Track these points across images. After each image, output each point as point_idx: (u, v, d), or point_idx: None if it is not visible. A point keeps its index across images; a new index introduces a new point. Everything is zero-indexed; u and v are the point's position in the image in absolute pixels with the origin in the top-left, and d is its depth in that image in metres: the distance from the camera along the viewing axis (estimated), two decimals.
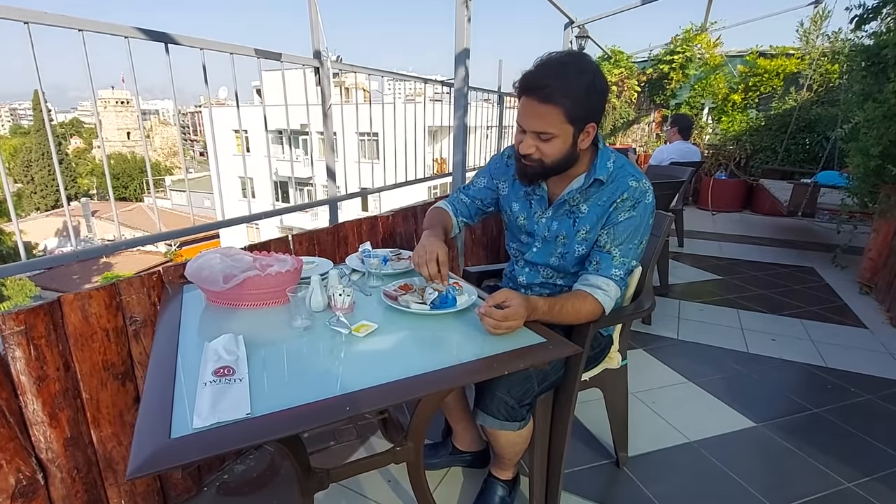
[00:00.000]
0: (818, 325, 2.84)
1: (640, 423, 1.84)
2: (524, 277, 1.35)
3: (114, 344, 1.22)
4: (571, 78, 1.05)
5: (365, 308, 1.16)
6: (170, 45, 1.41)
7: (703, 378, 2.21)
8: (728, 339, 2.63)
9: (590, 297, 1.15)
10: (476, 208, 1.44)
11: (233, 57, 1.65)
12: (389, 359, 0.94)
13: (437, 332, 1.05)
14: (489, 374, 0.88)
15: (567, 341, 1.00)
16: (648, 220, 1.18)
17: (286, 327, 1.04)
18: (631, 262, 1.18)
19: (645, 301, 1.37)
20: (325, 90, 1.94)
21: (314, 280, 1.10)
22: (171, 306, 1.16)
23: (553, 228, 1.26)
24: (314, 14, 1.84)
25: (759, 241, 4.81)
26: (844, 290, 3.40)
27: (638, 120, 7.76)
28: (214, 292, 1.10)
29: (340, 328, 0.99)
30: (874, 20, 3.09)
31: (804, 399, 2.07)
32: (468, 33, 2.64)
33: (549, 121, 1.08)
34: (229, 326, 1.06)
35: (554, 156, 1.13)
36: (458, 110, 2.78)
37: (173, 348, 0.95)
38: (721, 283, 3.57)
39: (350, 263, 1.43)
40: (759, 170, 6.20)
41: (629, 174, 1.18)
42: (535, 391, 1.16)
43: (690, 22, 6.82)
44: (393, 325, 1.07)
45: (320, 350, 0.96)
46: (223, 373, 0.82)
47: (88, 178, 45.25)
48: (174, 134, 56.99)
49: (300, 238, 1.76)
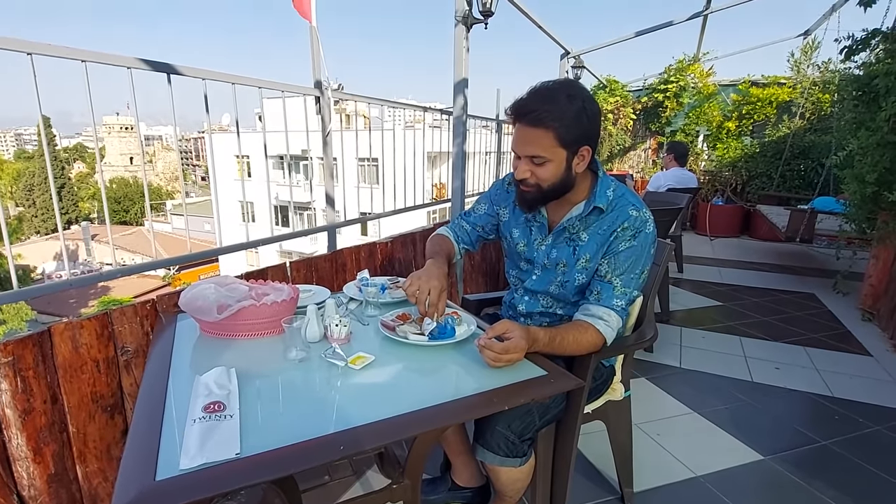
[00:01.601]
0: (822, 352, 2.80)
1: (644, 456, 1.79)
2: (524, 306, 1.33)
3: (104, 375, 1.19)
4: (561, 103, 1.07)
5: (362, 338, 1.14)
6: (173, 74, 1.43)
7: (707, 408, 2.17)
8: (731, 367, 2.59)
9: (591, 327, 1.13)
10: (477, 235, 1.43)
11: (234, 87, 1.67)
12: (386, 392, 0.91)
13: (436, 364, 1.02)
14: (488, 409, 0.85)
15: (569, 374, 0.97)
16: (649, 249, 1.17)
17: (281, 359, 1.02)
18: (632, 293, 1.16)
19: (647, 330, 1.35)
20: (325, 118, 1.96)
21: (310, 310, 1.08)
22: (163, 337, 1.14)
23: (553, 256, 1.25)
24: (315, 45, 1.88)
25: (758, 267, 4.80)
26: (846, 317, 3.37)
27: (634, 147, 7.87)
28: (208, 323, 1.08)
29: (336, 360, 0.97)
30: (863, 51, 3.16)
31: (811, 430, 2.02)
32: (467, 63, 2.70)
33: (540, 145, 1.10)
34: (223, 358, 1.03)
35: (549, 180, 1.13)
36: (457, 137, 2.81)
37: (164, 381, 0.92)
38: (722, 310, 3.54)
39: (347, 292, 1.41)
40: (756, 195, 6.26)
41: (629, 203, 1.18)
42: (537, 425, 1.13)
43: (683, 52, 6.99)
44: (390, 356, 1.05)
45: (315, 383, 0.94)
46: (213, 409, 0.79)
47: (90, 202, 45.52)
48: (176, 159, 57.66)
49: (298, 265, 1.75)
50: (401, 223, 3.24)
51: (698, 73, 6.92)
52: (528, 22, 4.04)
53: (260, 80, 1.63)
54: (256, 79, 1.62)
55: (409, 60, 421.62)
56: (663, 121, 7.29)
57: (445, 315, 1.18)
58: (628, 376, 1.47)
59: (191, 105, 1.56)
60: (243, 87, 1.71)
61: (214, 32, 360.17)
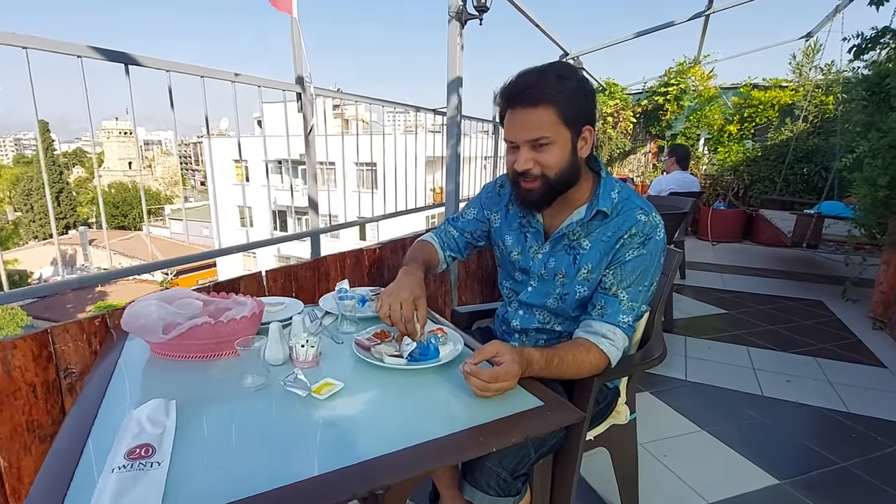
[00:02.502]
0: (833, 363, 2.66)
1: (651, 480, 1.65)
2: (518, 321, 1.20)
3: (42, 401, 1.05)
4: (553, 81, 0.97)
5: (334, 360, 1.00)
6: (163, 71, 1.31)
7: (716, 426, 2.03)
8: (740, 379, 2.45)
9: (594, 347, 1.00)
10: (465, 242, 1.30)
11: (234, 86, 1.57)
12: (354, 429, 0.77)
13: (415, 393, 0.89)
14: (474, 451, 0.72)
15: (569, 405, 0.84)
16: (659, 258, 1.04)
17: (237, 386, 0.88)
18: (640, 307, 1.03)
19: (654, 348, 1.21)
20: (308, 116, 1.83)
21: (272, 328, 0.94)
22: (107, 358, 1.00)
23: (550, 266, 1.11)
24: (296, 38, 1.75)
25: (762, 273, 4.67)
26: (857, 326, 3.24)
27: (634, 150, 7.75)
28: (158, 343, 0.95)
29: (297, 389, 0.83)
30: (872, 50, 3.05)
31: (828, 450, 1.88)
32: (461, 62, 2.58)
33: (542, 124, 0.98)
34: (169, 385, 0.90)
35: (556, 166, 1.00)
36: (451, 139, 2.68)
37: (92, 414, 0.79)
38: (727, 318, 3.41)
39: (324, 305, 1.28)
40: (758, 200, 6.14)
41: (637, 206, 1.05)
42: (532, 458, 0.99)
43: (684, 55, 6.89)
44: (363, 382, 0.91)
45: (272, 417, 0.80)
46: (139, 454, 0.66)
47: (88, 206, 45.36)
48: (175, 164, 57.57)
49: (275, 274, 1.61)
50: (399, 228, 3.12)
51: (699, 76, 6.82)
52: (525, 21, 3.93)
53: (232, 73, 1.50)
54: (228, 72, 1.49)
55: (410, 64, 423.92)
56: (664, 124, 7.18)
57: (428, 333, 1.05)
58: (634, 398, 1.34)
59: (190, 109, 1.46)
60: (242, 91, 1.65)
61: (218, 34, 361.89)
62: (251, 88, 1.75)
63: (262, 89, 1.74)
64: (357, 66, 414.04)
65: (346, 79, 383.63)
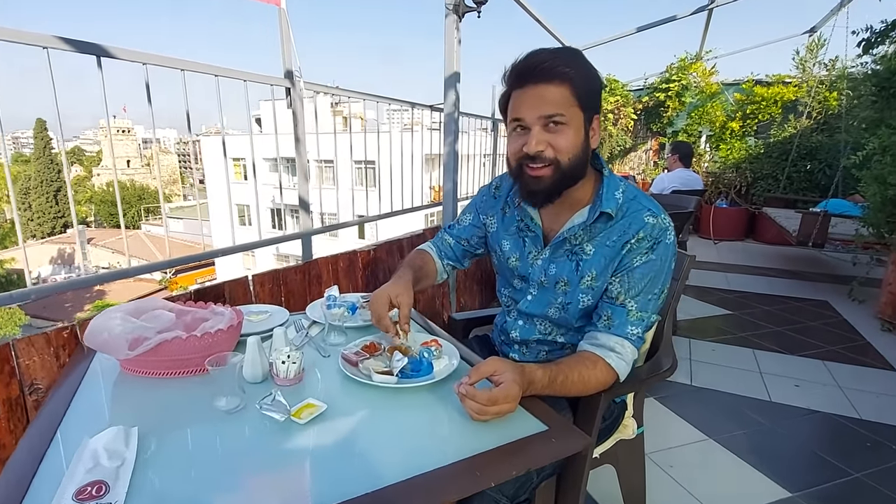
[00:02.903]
0: (843, 367, 2.59)
1: (657, 493, 1.58)
2: (517, 332, 1.12)
3: (4, 420, 0.97)
4: (572, 57, 0.92)
5: (319, 376, 0.93)
6: (140, 64, 1.22)
7: (724, 434, 1.95)
8: (747, 384, 2.37)
9: (600, 361, 0.92)
10: (462, 250, 1.23)
11: (218, 80, 1.48)
12: (335, 460, 0.69)
13: (406, 415, 0.81)
14: (471, 487, 0.64)
15: (575, 430, 0.76)
16: (670, 263, 0.96)
17: (209, 407, 0.80)
18: (650, 317, 0.95)
19: (664, 359, 1.14)
20: (298, 112, 1.75)
21: (250, 343, 0.86)
22: (73, 374, 0.92)
23: (551, 273, 1.03)
24: (285, 30, 1.67)
25: (766, 272, 4.60)
26: (865, 327, 3.16)
27: (635, 147, 7.67)
28: (125, 359, 0.87)
29: (274, 413, 0.75)
30: (882, 44, 2.97)
31: (841, 460, 1.81)
32: (458, 56, 2.49)
33: (556, 101, 0.90)
34: (134, 405, 0.82)
35: (569, 151, 0.92)
36: (449, 136, 2.60)
37: (46, 440, 0.71)
38: (732, 319, 3.33)
39: (311, 314, 1.20)
40: (761, 198, 6.06)
41: (644, 207, 0.96)
42: (534, 483, 0.91)
43: (685, 50, 6.80)
44: (349, 402, 0.83)
45: (244, 445, 0.72)
46: (90, 494, 0.58)
47: (87, 205, 45.22)
48: (174, 162, 57.51)
49: (262, 279, 1.53)
50: (398, 227, 3.05)
51: (701, 72, 6.73)
52: (524, 15, 3.84)
53: (216, 67, 1.42)
54: (211, 65, 1.41)
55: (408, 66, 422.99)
56: (665, 121, 7.10)
57: (421, 346, 0.97)
58: (641, 411, 1.26)
59: (190, 107, 1.39)
60: (240, 89, 1.57)
61: None
62: (251, 85, 1.68)
63: (257, 86, 1.67)
64: (358, 66, 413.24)
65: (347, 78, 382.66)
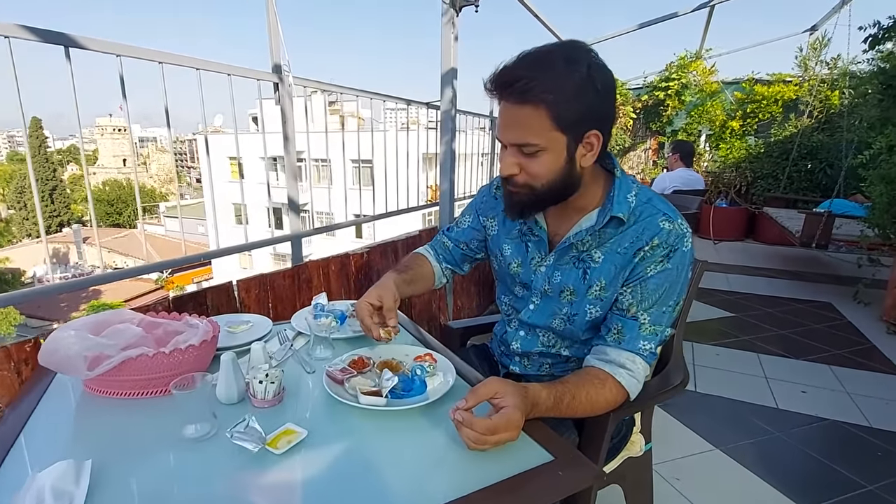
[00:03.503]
0: (850, 372, 2.52)
1: None
2: (518, 343, 1.04)
3: None
4: (557, 69, 0.78)
5: (302, 396, 0.85)
6: (114, 55, 1.14)
7: (731, 444, 1.88)
8: (753, 391, 2.30)
9: (609, 379, 0.84)
10: (461, 254, 1.15)
11: (199, 74, 1.39)
12: (314, 497, 0.61)
13: (394, 443, 0.73)
14: None
15: (585, 461, 0.68)
16: (686, 273, 0.88)
17: (176, 434, 0.72)
18: (665, 331, 0.87)
19: (673, 374, 1.06)
20: (287, 109, 1.67)
21: (224, 361, 0.78)
22: (32, 393, 0.84)
23: (556, 281, 0.96)
24: (273, 23, 1.58)
25: (767, 273, 4.54)
26: (870, 330, 3.10)
27: (634, 147, 7.61)
28: (88, 379, 0.78)
29: (247, 442, 0.67)
30: (889, 40, 2.90)
31: (853, 471, 1.74)
32: (455, 52, 2.41)
33: (529, 127, 0.80)
34: (93, 431, 0.74)
35: (545, 177, 0.84)
36: (446, 134, 2.52)
37: None
38: (734, 322, 3.26)
39: (296, 324, 1.12)
40: (761, 197, 6.00)
41: (659, 212, 0.88)
42: None
43: (685, 49, 6.74)
44: (333, 427, 0.75)
45: (211, 479, 0.64)
46: None
47: (83, 204, 44.95)
48: (170, 161, 57.20)
49: (248, 284, 1.45)
50: (395, 227, 2.97)
51: (701, 71, 6.67)
52: (524, 11, 3.76)
53: (197, 59, 1.34)
54: (192, 58, 1.32)
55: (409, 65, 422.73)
56: (664, 120, 7.03)
57: (414, 361, 0.89)
58: (649, 426, 1.19)
59: (186, 107, 1.32)
60: (239, 86, 1.51)
61: None
62: (249, 83, 1.62)
63: (258, 84, 1.60)
64: (357, 64, 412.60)
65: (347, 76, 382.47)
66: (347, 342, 1.06)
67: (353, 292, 1.86)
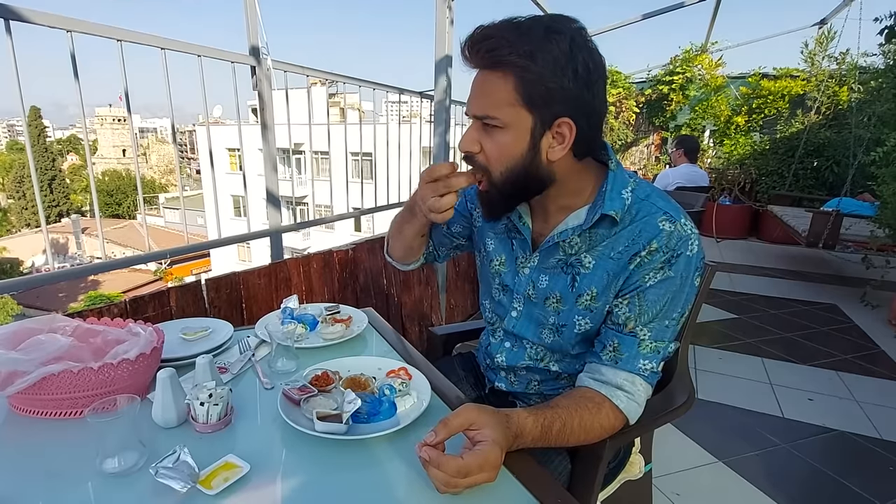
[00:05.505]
0: (857, 378, 2.42)
1: None
2: (503, 356, 0.93)
3: None
4: (534, 35, 0.66)
5: (254, 417, 0.74)
6: (27, 25, 1.02)
7: (734, 456, 1.78)
8: (757, 398, 2.20)
9: (606, 402, 0.74)
10: (442, 236, 1.03)
11: (164, 54, 1.28)
12: None
13: (356, 479, 0.62)
14: None
15: (573, 501, 0.58)
16: (692, 280, 0.77)
17: (96, 466, 0.62)
18: (668, 347, 0.76)
19: (678, 392, 0.96)
20: (265, 94, 1.55)
21: (161, 379, 0.68)
22: None
23: (541, 286, 0.84)
24: (250, 2, 1.47)
25: (771, 273, 4.43)
26: (878, 334, 3.00)
27: (636, 142, 7.47)
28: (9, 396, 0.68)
29: (174, 481, 0.56)
30: None
31: (865, 488, 1.64)
32: (450, 38, 2.29)
33: (493, 96, 0.69)
34: (8, 459, 0.63)
35: (502, 163, 0.73)
36: (440, 125, 2.41)
37: None
38: (738, 324, 3.16)
39: (258, 331, 1.01)
40: (766, 195, 5.88)
41: (659, 210, 0.76)
42: None
43: (690, 42, 6.59)
44: (283, 460, 0.65)
45: None
46: None
47: (82, 194, 44.81)
48: (170, 152, 56.94)
49: (217, 283, 1.34)
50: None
51: (706, 65, 6.52)
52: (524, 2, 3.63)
53: (163, 39, 1.22)
54: (157, 36, 1.21)
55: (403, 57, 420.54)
56: (668, 115, 6.89)
57: (387, 375, 0.79)
58: (650, 443, 1.09)
59: (186, 96, 1.22)
60: (242, 77, 1.39)
61: None
62: (243, 70, 1.52)
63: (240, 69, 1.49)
64: (358, 61, 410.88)
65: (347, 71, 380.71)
66: (316, 352, 0.95)
67: (337, 293, 1.76)
